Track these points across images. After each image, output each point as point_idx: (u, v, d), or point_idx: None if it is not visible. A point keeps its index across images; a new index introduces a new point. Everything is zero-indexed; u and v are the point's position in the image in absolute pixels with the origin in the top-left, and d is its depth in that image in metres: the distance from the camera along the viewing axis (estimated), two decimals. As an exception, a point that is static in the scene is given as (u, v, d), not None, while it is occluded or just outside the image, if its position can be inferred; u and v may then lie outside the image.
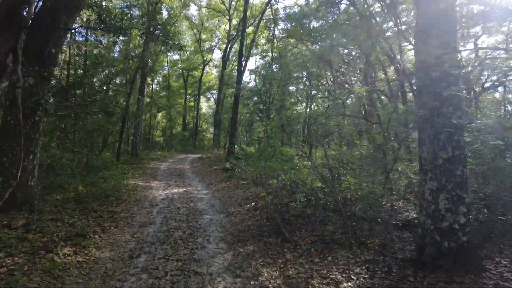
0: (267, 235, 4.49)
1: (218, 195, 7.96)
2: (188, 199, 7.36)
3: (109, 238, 4.22)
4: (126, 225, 4.94)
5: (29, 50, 4.27)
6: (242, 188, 8.60)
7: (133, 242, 4.22)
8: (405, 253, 3.54)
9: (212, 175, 12.02)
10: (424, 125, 3.06)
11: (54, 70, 4.67)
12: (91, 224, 4.57)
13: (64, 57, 11.79)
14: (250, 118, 27.82)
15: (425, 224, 3.01)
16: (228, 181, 10.04)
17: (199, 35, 33.01)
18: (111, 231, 4.52)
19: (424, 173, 3.07)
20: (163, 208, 6.31)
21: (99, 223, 4.71)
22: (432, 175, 2.98)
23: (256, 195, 7.06)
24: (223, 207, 6.54)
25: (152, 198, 7.31)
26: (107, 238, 4.20)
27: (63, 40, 4.72)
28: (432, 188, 2.97)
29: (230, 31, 27.78)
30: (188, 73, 35.71)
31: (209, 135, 41.72)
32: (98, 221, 4.84)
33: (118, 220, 5.13)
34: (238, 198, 7.34)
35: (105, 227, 4.62)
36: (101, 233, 4.31)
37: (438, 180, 2.92)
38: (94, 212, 5.22)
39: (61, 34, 4.64)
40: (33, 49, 4.32)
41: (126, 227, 4.85)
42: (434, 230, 2.91)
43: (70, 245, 3.60)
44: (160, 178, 11.04)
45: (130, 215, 5.52)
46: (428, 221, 2.98)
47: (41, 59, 4.43)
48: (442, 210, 2.88)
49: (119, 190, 7.33)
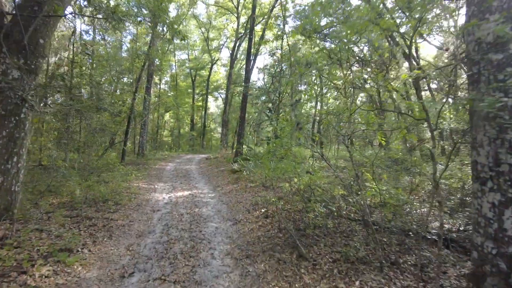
0: (280, 250, 3.90)
1: (225, 199, 7.42)
2: (193, 203, 6.83)
3: (100, 252, 3.71)
4: (122, 235, 4.42)
5: (12, 39, 3.80)
6: (250, 192, 8.03)
7: (127, 257, 3.69)
8: (451, 279, 2.91)
9: (219, 176, 11.50)
10: (481, 121, 2.43)
11: (42, 62, 4.20)
12: (82, 235, 4.07)
13: (68, 55, 11.43)
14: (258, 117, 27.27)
15: (484, 247, 2.38)
16: (236, 183, 9.50)
17: (207, 34, 32.66)
18: (104, 243, 4.01)
19: (481, 182, 2.43)
20: (165, 214, 5.79)
21: (91, 233, 4.20)
22: (493, 185, 2.34)
23: (266, 200, 6.48)
24: (230, 214, 5.98)
25: (155, 202, 6.81)
26: (97, 252, 3.68)
27: (52, 29, 4.25)
28: (493, 202, 2.33)
29: (238, 29, 27.26)
30: (196, 73, 35.40)
31: (217, 135, 41.37)
32: (91, 230, 4.34)
33: (114, 229, 4.62)
34: (246, 203, 6.77)
35: (98, 238, 4.11)
36: (91, 246, 3.80)
37: (502, 191, 2.29)
38: (88, 219, 4.73)
39: (50, 22, 4.17)
40: (17, 38, 3.85)
41: (122, 238, 4.33)
42: (498, 256, 2.28)
43: (51, 262, 3.10)
44: (165, 179, 10.57)
45: (128, 223, 5.02)
46: (488, 243, 2.35)
47: (26, 50, 3.96)
48: (509, 231, 2.24)
49: (119, 194, 6.85)
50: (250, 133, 23.27)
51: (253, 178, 9.75)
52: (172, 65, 36.01)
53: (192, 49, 37.49)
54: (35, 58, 4.04)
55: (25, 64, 3.95)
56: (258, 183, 9.05)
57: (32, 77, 4.03)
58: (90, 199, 5.81)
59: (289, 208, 5.99)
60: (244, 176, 10.06)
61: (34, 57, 4.04)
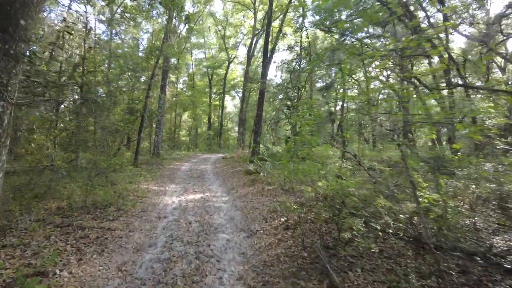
0: (306, 276, 3.08)
1: (239, 203, 6.66)
2: (204, 209, 6.12)
3: (83, 274, 3.04)
4: (116, 250, 3.76)
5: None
6: (268, 195, 7.24)
7: (116, 280, 3.01)
8: None
9: (234, 177, 10.79)
10: None
11: (25, 48, 3.63)
12: (68, 251, 3.44)
13: (80, 52, 11.09)
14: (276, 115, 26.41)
15: None
16: (252, 186, 8.73)
17: (224, 32, 32.21)
18: (92, 261, 3.35)
19: None
20: (172, 222, 5.11)
21: (79, 248, 3.56)
22: None
23: (286, 207, 5.66)
24: (245, 222, 5.21)
25: (162, 207, 6.17)
26: (80, 275, 3.02)
27: (37, 9, 3.67)
28: None
29: (255, 26, 26.54)
30: (213, 71, 35.04)
31: (234, 134, 40.88)
32: (80, 244, 3.71)
33: (109, 241, 3.97)
34: (263, 209, 5.99)
35: (86, 255, 3.47)
36: (74, 266, 3.15)
37: None
38: (81, 229, 4.11)
39: (33, 0, 3.59)
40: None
41: (116, 253, 3.67)
42: None
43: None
44: (178, 181, 9.98)
45: (127, 233, 4.36)
46: None
47: (4, 33, 3.38)
48: None
49: (124, 197, 6.27)
50: (267, 132, 22.44)
51: (271, 179, 8.97)
52: (189, 64, 35.89)
53: (209, 47, 37.22)
54: (14, 42, 3.47)
55: (3, 49, 3.37)
56: (276, 185, 8.25)
57: (12, 64, 3.46)
58: (89, 204, 5.23)
59: (313, 217, 5.15)
60: (260, 178, 9.29)
61: (14, 41, 3.46)
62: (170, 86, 30.15)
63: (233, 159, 17.55)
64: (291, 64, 18.00)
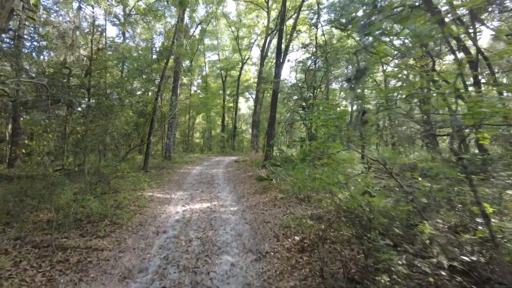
0: (327, 327, 2.37)
1: (248, 216, 5.99)
2: (209, 221, 5.50)
3: (48, 317, 2.46)
4: (98, 278, 3.17)
5: None
6: (281, 206, 6.53)
7: (87, 325, 2.41)
8: None
9: (246, 183, 10.14)
10: None
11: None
12: (35, 282, 2.87)
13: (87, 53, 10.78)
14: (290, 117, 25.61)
15: None
16: (264, 193, 8.05)
17: (237, 33, 31.80)
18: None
19: None
20: (170, 239, 4.50)
21: (51, 278, 3.00)
22: None
23: (301, 222, 4.94)
24: (253, 241, 4.53)
25: (163, 219, 5.59)
26: (43, 318, 2.44)
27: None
28: None
29: (268, 25, 25.93)
30: (227, 73, 34.69)
31: (248, 136, 40.35)
32: (55, 271, 3.15)
33: (92, 266, 3.40)
34: (275, 223, 5.29)
35: (57, 286, 2.89)
36: (39, 304, 2.57)
37: None
38: (62, 250, 3.57)
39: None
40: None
41: (96, 283, 3.08)
42: None
43: None
44: (186, 187, 9.43)
45: (116, 254, 3.78)
46: None
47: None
48: None
49: (122, 208, 5.74)
50: (282, 134, 21.67)
51: (284, 187, 8.25)
52: (202, 66, 35.74)
53: (223, 49, 36.96)
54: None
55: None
56: (290, 193, 7.52)
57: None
58: (83, 217, 4.71)
59: (333, 235, 4.41)
60: (273, 185, 8.59)
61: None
62: (184, 88, 29.99)
63: (245, 162, 16.94)
64: (306, 63, 17.23)
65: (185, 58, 19.34)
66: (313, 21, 17.03)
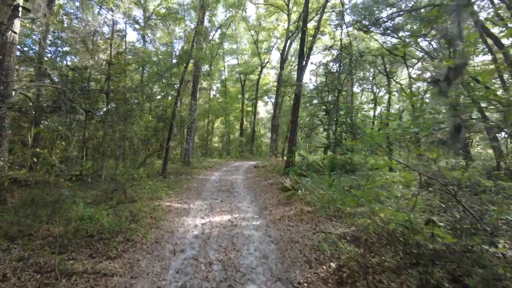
0: None
1: (273, 232, 5.41)
2: (231, 239, 4.97)
3: None
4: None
5: None
6: (308, 221, 5.90)
7: None
8: None
9: (267, 192, 9.57)
10: None
11: None
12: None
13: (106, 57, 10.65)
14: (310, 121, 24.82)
15: None
16: (288, 205, 7.45)
17: (257, 36, 31.49)
18: None
19: None
20: (188, 260, 4.00)
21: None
22: None
23: (336, 244, 4.31)
24: (282, 265, 3.94)
25: (181, 234, 5.12)
26: None
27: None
28: None
29: (288, 28, 25.42)
30: (246, 77, 34.43)
31: (267, 140, 39.85)
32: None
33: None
34: (304, 243, 4.68)
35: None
36: None
37: None
38: (67, 277, 3.14)
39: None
40: None
41: (103, 321, 2.61)
42: None
43: None
44: (205, 195, 8.99)
45: (127, 281, 3.31)
46: None
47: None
48: None
49: (138, 221, 5.33)
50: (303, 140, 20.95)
51: (310, 197, 7.61)
52: (222, 70, 35.69)
53: (242, 53, 36.78)
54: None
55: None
56: (318, 206, 6.88)
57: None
58: (95, 231, 4.32)
59: (375, 262, 3.75)
60: (298, 195, 7.97)
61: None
62: (203, 92, 29.94)
63: (265, 168, 16.37)
64: (328, 65, 16.50)
65: (205, 62, 19.12)
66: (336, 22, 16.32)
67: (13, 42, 7.14)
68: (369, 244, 4.47)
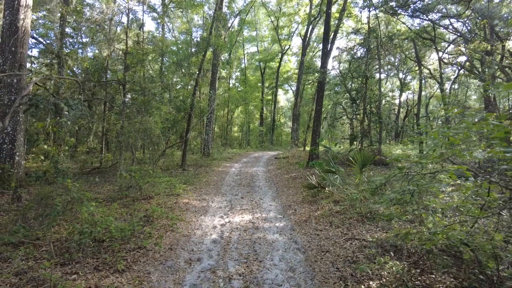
0: None
1: (300, 237, 4.85)
2: (252, 245, 4.47)
3: None
4: None
5: None
6: (339, 225, 5.28)
7: None
8: None
9: (290, 188, 9.00)
10: None
11: None
12: None
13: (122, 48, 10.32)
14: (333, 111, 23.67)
15: None
16: (314, 204, 6.85)
17: (277, 22, 30.29)
18: None
19: None
20: (205, 273, 3.54)
21: None
22: None
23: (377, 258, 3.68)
24: (312, 283, 3.38)
25: (198, 238, 4.69)
26: None
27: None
28: None
29: (310, 12, 24.10)
30: (265, 65, 33.45)
31: (287, 130, 39.00)
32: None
33: (102, 323, 2.53)
34: (336, 253, 4.09)
35: None
36: None
37: None
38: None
39: None
40: None
41: None
42: None
43: None
44: (224, 190, 8.57)
45: (136, 300, 2.90)
46: None
47: None
48: None
49: (152, 222, 4.96)
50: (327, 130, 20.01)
51: (337, 195, 6.96)
52: (241, 58, 34.91)
53: (262, 40, 35.71)
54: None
55: None
56: (347, 204, 6.23)
57: None
58: (107, 237, 3.96)
59: (424, 281, 3.11)
60: (324, 193, 7.33)
61: None
62: (222, 81, 29.41)
63: (287, 160, 15.75)
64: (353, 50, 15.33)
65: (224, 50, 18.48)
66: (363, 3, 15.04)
67: (25, 33, 6.88)
68: (409, 253, 3.82)
